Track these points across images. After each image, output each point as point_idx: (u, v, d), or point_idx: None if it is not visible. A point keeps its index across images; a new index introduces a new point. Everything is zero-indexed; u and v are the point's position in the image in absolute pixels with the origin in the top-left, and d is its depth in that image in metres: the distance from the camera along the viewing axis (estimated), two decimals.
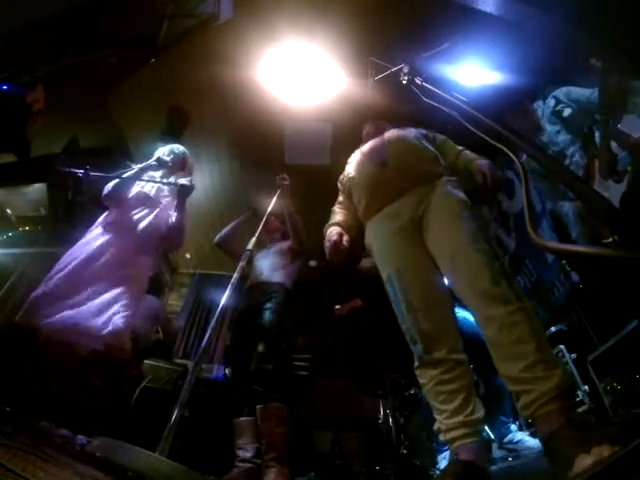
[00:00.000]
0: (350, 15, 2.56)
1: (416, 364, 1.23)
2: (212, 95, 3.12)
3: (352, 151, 1.82)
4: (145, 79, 2.99)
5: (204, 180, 3.99)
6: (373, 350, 2.95)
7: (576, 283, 2.27)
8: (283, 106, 3.03)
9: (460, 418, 1.09)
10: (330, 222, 1.69)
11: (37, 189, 3.37)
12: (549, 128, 2.22)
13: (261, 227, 1.82)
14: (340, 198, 1.77)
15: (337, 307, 3.01)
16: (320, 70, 2.65)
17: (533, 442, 1.76)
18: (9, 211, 3.28)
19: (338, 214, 1.71)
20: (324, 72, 2.64)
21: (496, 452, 1.83)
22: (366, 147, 1.69)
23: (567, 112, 2.08)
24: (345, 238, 1.52)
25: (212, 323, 1.25)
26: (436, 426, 1.17)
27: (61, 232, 2.91)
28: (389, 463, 2.36)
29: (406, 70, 1.12)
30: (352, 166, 1.69)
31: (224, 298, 1.36)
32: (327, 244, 1.52)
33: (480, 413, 1.12)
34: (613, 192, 1.67)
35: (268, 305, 2.10)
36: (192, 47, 2.71)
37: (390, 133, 1.67)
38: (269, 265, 2.34)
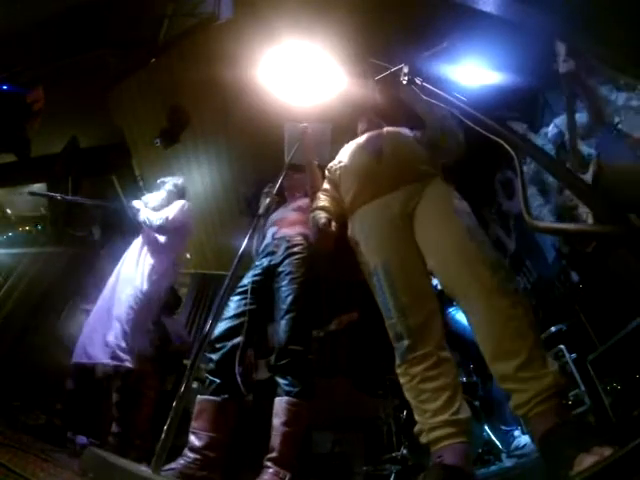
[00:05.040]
0: (350, 15, 2.56)
1: (398, 362, 1.16)
2: (212, 95, 3.12)
3: None
4: (145, 79, 2.99)
5: (204, 180, 3.99)
6: (373, 351, 2.94)
7: (576, 283, 2.27)
8: (283, 106, 3.03)
9: (445, 417, 1.01)
10: (315, 205, 1.60)
11: (37, 189, 3.37)
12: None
13: (278, 185, 1.60)
14: (326, 186, 1.70)
15: (334, 321, 2.97)
16: (320, 70, 2.65)
17: None
18: (9, 211, 3.28)
19: (323, 200, 1.61)
20: (324, 72, 2.64)
21: (506, 461, 1.79)
22: (362, 139, 1.65)
23: (552, 132, 2.23)
24: (333, 223, 1.44)
25: (211, 314, 1.17)
26: (417, 428, 1.08)
27: (60, 232, 2.91)
28: (389, 463, 2.36)
29: (406, 70, 1.11)
30: (345, 155, 1.65)
31: (229, 276, 1.15)
32: (314, 228, 1.45)
33: (466, 414, 1.04)
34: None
35: (286, 267, 1.66)
36: (192, 47, 2.71)
37: (388, 128, 1.65)
38: (286, 221, 1.96)
